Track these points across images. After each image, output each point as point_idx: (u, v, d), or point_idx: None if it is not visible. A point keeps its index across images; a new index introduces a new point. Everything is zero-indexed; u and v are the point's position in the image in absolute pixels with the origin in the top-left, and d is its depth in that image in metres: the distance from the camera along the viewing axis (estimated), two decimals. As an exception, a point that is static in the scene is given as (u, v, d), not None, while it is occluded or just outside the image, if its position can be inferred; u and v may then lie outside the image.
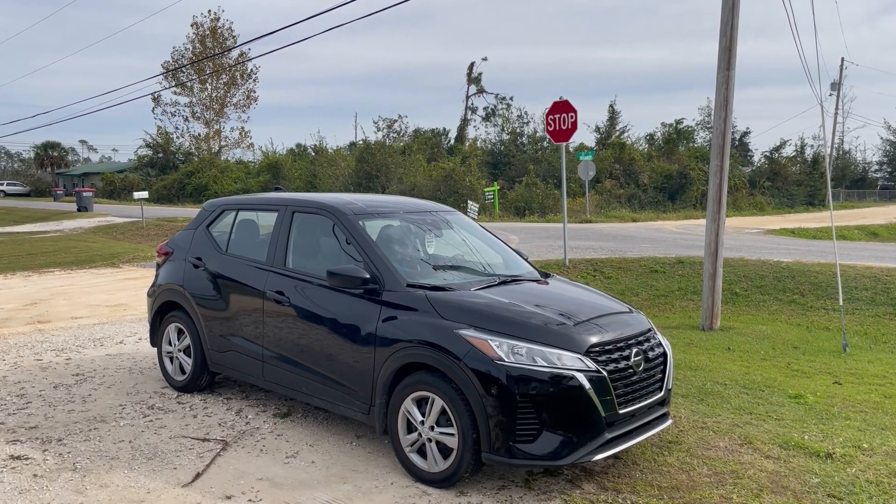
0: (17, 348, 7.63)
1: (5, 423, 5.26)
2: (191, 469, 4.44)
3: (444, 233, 5.77)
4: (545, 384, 4.03)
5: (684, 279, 13.52)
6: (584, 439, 4.08)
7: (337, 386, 4.87)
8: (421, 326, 4.41)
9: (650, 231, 23.32)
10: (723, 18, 9.41)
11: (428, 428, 4.31)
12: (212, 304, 5.85)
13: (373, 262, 4.82)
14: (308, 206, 5.53)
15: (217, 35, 58.71)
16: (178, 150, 60.16)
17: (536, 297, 4.84)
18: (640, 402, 4.39)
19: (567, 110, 13.37)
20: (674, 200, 37.53)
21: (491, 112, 53.35)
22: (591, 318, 4.51)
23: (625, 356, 4.34)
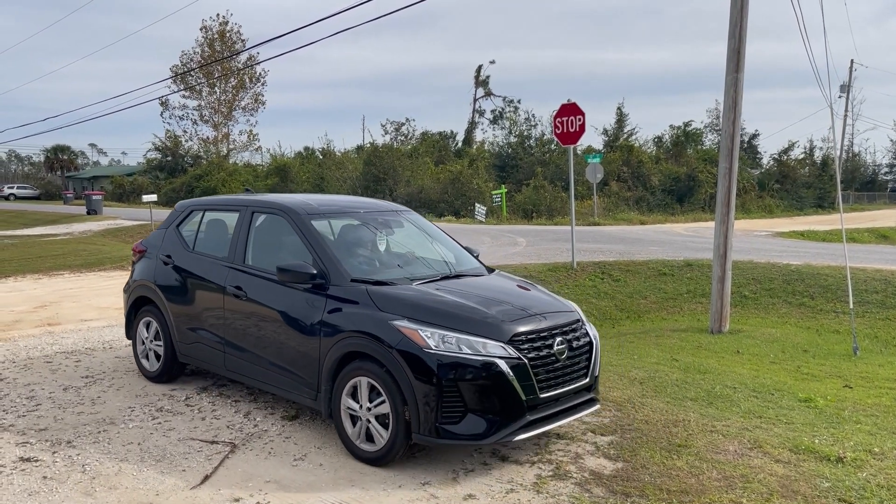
0: (26, 350, 7.67)
1: (15, 426, 5.28)
2: (199, 471, 4.45)
3: (397, 231, 6.12)
4: (469, 370, 4.39)
5: (693, 282, 13.47)
6: (506, 421, 4.42)
7: (288, 374, 5.21)
8: (361, 318, 4.76)
9: (658, 234, 23.25)
10: (731, 20, 9.38)
11: (366, 411, 4.66)
12: (179, 298, 6.21)
13: (321, 258, 5.16)
14: (266, 207, 5.90)
15: (226, 38, 58.93)
16: (187, 154, 60.38)
17: (473, 291, 5.14)
18: (564, 388, 4.70)
19: (575, 113, 13.35)
20: (682, 203, 37.42)
21: (499, 115, 53.36)
22: (519, 310, 4.84)
23: (548, 345, 4.66)
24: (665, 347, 8.74)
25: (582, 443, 4.87)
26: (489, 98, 56.72)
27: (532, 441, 4.87)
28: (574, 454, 4.67)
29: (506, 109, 52.66)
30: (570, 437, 4.98)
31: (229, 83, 59.88)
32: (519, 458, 4.62)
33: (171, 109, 60.25)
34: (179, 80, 56.59)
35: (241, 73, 58.86)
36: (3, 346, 7.88)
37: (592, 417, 5.35)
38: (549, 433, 5.04)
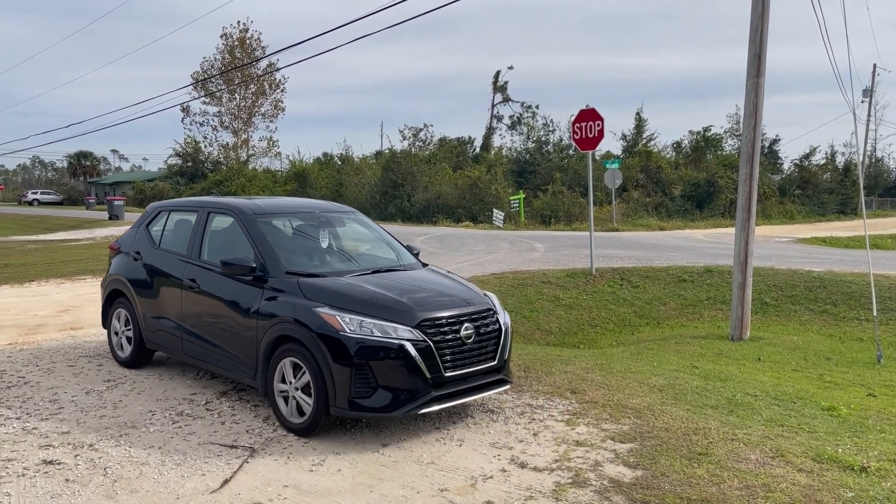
0: (50, 354, 7.76)
1: (38, 429, 5.34)
2: (219, 475, 4.48)
3: (340, 230, 6.82)
4: (379, 351, 4.99)
5: (713, 288, 13.35)
6: (413, 396, 5.00)
7: (233, 357, 5.85)
8: (290, 306, 5.37)
9: (678, 240, 23.09)
10: (752, 25, 9.31)
11: (294, 388, 5.26)
12: (145, 291, 6.90)
13: (261, 253, 5.79)
14: (219, 208, 6.56)
15: (246, 45, 59.46)
16: (207, 159, 60.94)
17: (397, 283, 5.73)
18: (471, 368, 5.30)
19: (593, 118, 13.31)
20: (702, 209, 37.11)
21: (517, 120, 53.25)
22: (432, 299, 5.44)
23: (454, 330, 5.22)
24: (685, 354, 8.67)
25: (601, 450, 4.84)
26: (507, 104, 56.66)
27: (552, 449, 4.86)
28: (593, 461, 4.64)
29: (524, 115, 52.56)
30: (590, 444, 4.95)
31: (249, 90, 60.38)
32: (538, 465, 4.59)
33: (192, 116, 60.88)
34: (200, 86, 57.15)
35: (261, 79, 59.33)
36: (28, 350, 7.98)
37: (611, 425, 5.33)
38: (568, 440, 5.02)
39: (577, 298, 13.07)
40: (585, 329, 12.13)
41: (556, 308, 12.57)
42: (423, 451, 4.88)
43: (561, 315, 12.39)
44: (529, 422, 5.47)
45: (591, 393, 6.17)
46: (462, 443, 5.04)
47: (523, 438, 5.11)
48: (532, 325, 11.87)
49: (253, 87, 60.17)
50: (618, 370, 7.11)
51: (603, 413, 5.62)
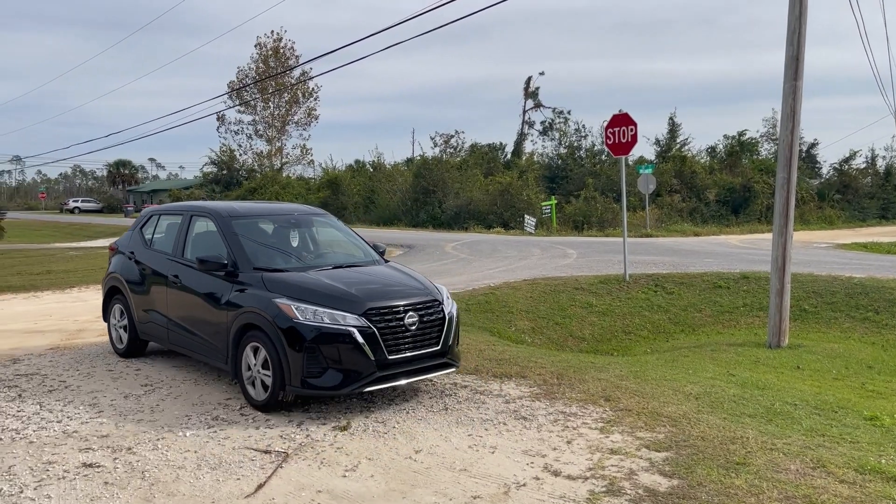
0: (90, 358, 7.92)
1: (78, 432, 5.45)
2: (253, 480, 4.52)
3: (311, 231, 7.49)
4: (329, 336, 5.65)
5: (749, 295, 13.13)
6: (358, 376, 5.68)
7: (209, 344, 6.54)
8: (254, 297, 6.05)
9: (713, 245, 22.75)
10: (789, 27, 9.16)
11: (256, 370, 5.94)
12: (138, 287, 7.65)
13: (232, 251, 6.48)
14: (200, 211, 7.33)
15: (279, 55, 60.22)
16: (242, 167, 61.76)
17: (353, 277, 6.42)
18: (414, 352, 5.96)
19: (626, 123, 13.20)
20: (737, 214, 36.52)
21: (548, 126, 53.06)
22: (380, 291, 6.14)
23: (399, 318, 5.89)
24: (721, 362, 8.52)
25: (636, 458, 4.77)
26: (539, 109, 56.52)
27: (586, 457, 4.81)
28: (628, 470, 4.58)
29: (556, 120, 52.35)
30: (624, 452, 4.89)
31: (283, 98, 61.12)
32: (571, 474, 4.55)
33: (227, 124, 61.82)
34: (235, 95, 58.03)
35: (295, 88, 60.01)
36: (68, 354, 8.15)
37: (646, 433, 5.26)
38: (602, 448, 4.96)
39: (611, 305, 12.94)
40: (619, 336, 12.01)
41: (588, 315, 12.47)
42: (455, 458, 4.87)
43: (594, 322, 12.28)
44: (563, 429, 5.42)
45: (625, 401, 6.10)
46: (495, 450, 5.02)
47: (557, 446, 5.06)
48: (564, 331, 11.79)
49: (287, 95, 60.91)
50: (652, 378, 7.02)
51: (637, 421, 5.55)
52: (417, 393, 6.41)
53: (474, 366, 7.36)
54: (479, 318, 11.16)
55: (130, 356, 7.85)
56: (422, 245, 23.82)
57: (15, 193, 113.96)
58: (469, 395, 6.34)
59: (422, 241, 26.07)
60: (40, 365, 7.66)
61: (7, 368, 7.51)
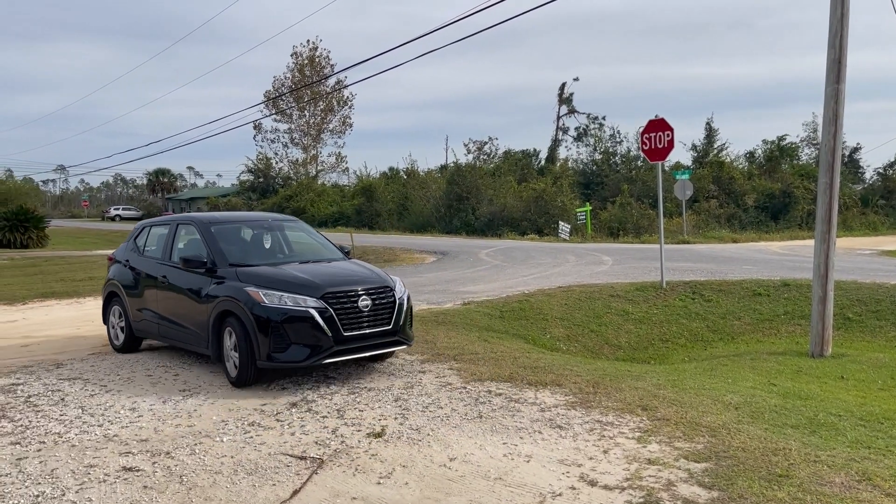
0: (130, 364, 8.06)
1: (119, 436, 5.54)
2: (289, 486, 4.54)
3: (282, 234, 8.55)
4: (292, 317, 6.63)
5: (790, 303, 12.86)
6: (318, 351, 6.66)
7: (194, 333, 7.52)
8: (229, 287, 7.06)
9: (752, 252, 22.34)
10: (831, 30, 8.97)
11: (231, 351, 6.91)
12: (133, 290, 8.58)
13: (212, 251, 7.53)
14: (184, 220, 8.56)
15: (315, 63, 60.87)
16: (278, 175, 62.53)
17: (315, 269, 7.41)
18: (367, 330, 6.93)
19: (663, 128, 13.06)
20: (777, 220, 35.82)
21: (583, 132, 52.73)
22: (338, 279, 7.14)
23: (353, 300, 6.87)
24: (761, 371, 8.35)
25: (674, 469, 4.68)
26: (573, 115, 56.20)
27: (623, 467, 4.73)
28: (666, 481, 4.49)
29: (590, 126, 52.02)
30: (662, 462, 4.80)
31: (318, 107, 61.75)
32: (608, 484, 4.48)
33: (264, 133, 62.67)
34: (271, 104, 58.80)
35: (330, 96, 60.59)
36: (109, 360, 8.31)
37: (685, 443, 5.16)
38: (639, 458, 4.88)
39: (647, 312, 12.78)
40: (656, 344, 11.84)
41: (625, 322, 12.32)
42: (490, 466, 4.83)
43: (630, 329, 12.14)
44: (599, 438, 5.35)
45: (662, 410, 6.00)
46: (530, 459, 4.97)
47: (593, 455, 4.99)
48: (600, 339, 11.66)
49: (322, 104, 61.52)
50: (690, 387, 6.89)
51: (676, 431, 5.45)
52: (451, 400, 6.39)
53: (509, 373, 7.31)
54: (513, 325, 11.10)
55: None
56: (455, 252, 23.82)
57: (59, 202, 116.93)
58: (504, 403, 6.29)
59: (455, 247, 26.07)
60: (82, 370, 7.82)
61: (51, 373, 7.68)
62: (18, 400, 6.62)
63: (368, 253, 23.81)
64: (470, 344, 8.92)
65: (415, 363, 7.86)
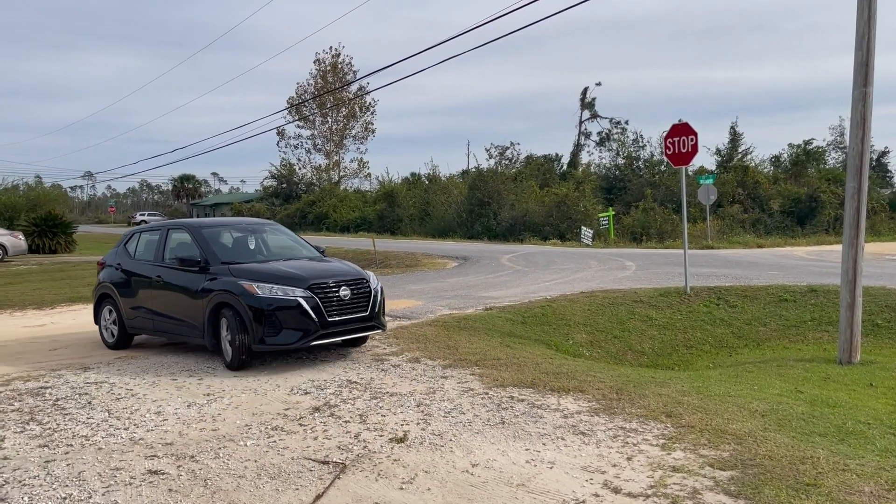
0: (155, 368, 8.15)
1: (144, 439, 5.60)
2: (311, 490, 4.55)
3: (264, 236, 9.55)
4: (282, 305, 7.64)
5: (818, 309, 12.67)
6: (306, 334, 7.68)
7: (189, 325, 8.39)
8: (224, 282, 7.96)
9: (777, 257, 22.07)
10: (858, 32, 8.85)
11: (226, 338, 7.87)
12: (126, 290, 9.34)
13: (204, 252, 8.47)
14: (175, 225, 9.59)
15: (337, 70, 61.26)
16: (301, 181, 62.94)
17: (299, 265, 8.43)
18: (347, 316, 7.99)
19: (686, 133, 12.96)
20: (803, 225, 35.32)
21: (605, 136, 52.54)
22: (320, 272, 8.19)
23: (334, 290, 7.92)
24: (788, 378, 8.23)
25: (700, 477, 4.63)
26: (595, 120, 56.07)
27: (647, 474, 4.69)
28: (691, 489, 4.44)
29: (613, 131, 51.80)
30: (687, 470, 4.74)
31: (341, 113, 62.10)
32: (632, 491, 4.44)
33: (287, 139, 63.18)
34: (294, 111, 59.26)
35: (352, 102, 60.93)
36: (134, 363, 8.41)
37: (710, 451, 5.09)
38: (664, 465, 4.83)
39: (671, 318, 12.66)
40: (680, 350, 11.73)
41: (648, 328, 12.22)
42: (513, 473, 4.81)
43: (654, 335, 12.03)
44: (623, 445, 5.30)
45: (687, 417, 5.93)
46: (553, 465, 4.94)
47: (616, 462, 4.95)
48: (623, 345, 11.58)
49: (344, 110, 61.87)
50: (716, 393, 6.81)
51: (701, 438, 5.39)
52: (474, 406, 6.38)
53: (531, 379, 7.28)
54: (535, 330, 11.06)
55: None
56: (477, 257, 23.80)
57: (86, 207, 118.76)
58: (526, 409, 6.27)
59: (477, 252, 26.04)
60: (109, 373, 7.92)
61: (78, 376, 7.79)
62: (47, 403, 6.72)
63: (390, 258, 23.86)
64: (492, 349, 8.90)
65: (437, 368, 7.86)
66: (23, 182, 52.16)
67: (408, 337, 9.58)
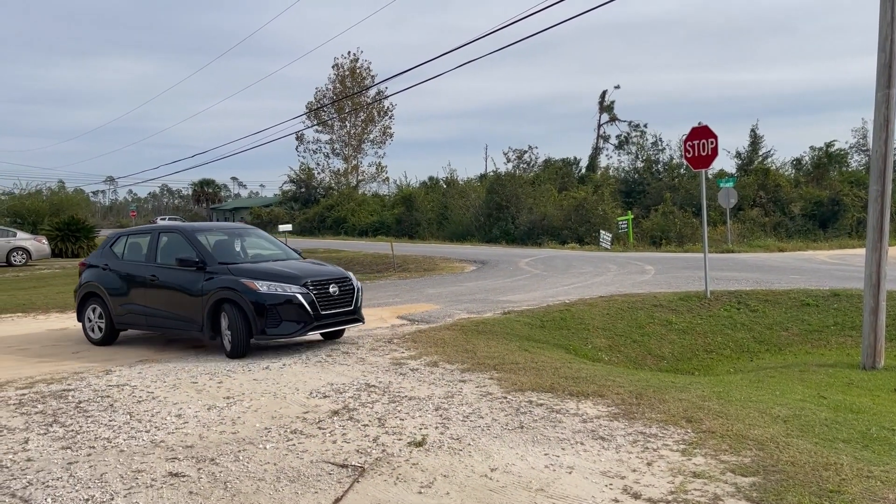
0: (175, 371, 8.22)
1: (165, 442, 5.64)
2: (331, 493, 4.56)
3: (247, 240, 10.51)
4: (282, 300, 8.70)
5: (840, 313, 12.51)
6: (302, 325, 8.81)
7: (184, 320, 9.27)
8: (225, 280, 8.89)
9: (799, 261, 21.83)
10: (881, 33, 8.74)
11: (226, 330, 8.80)
12: (115, 289, 10.00)
13: (201, 253, 9.35)
14: (167, 230, 10.22)
15: (356, 75, 61.54)
16: (319, 185, 63.29)
17: (289, 265, 9.47)
18: (336, 309, 9.14)
19: (706, 136, 12.87)
20: (825, 228, 34.93)
21: (624, 140, 52.27)
22: (312, 272, 9.29)
23: (325, 287, 9.07)
24: (810, 384, 8.13)
25: (721, 483, 4.58)
26: (614, 123, 55.80)
27: (667, 480, 4.65)
28: (713, 494, 4.40)
29: (632, 134, 51.55)
30: (708, 475, 4.70)
31: (359, 117, 62.38)
32: (652, 497, 4.40)
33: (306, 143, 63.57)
34: (313, 115, 59.60)
35: (371, 107, 61.19)
36: (155, 366, 8.49)
37: (731, 456, 5.04)
38: (684, 471, 4.79)
39: (691, 323, 12.56)
40: (700, 355, 11.63)
41: (668, 333, 12.14)
42: (532, 477, 4.79)
43: (674, 340, 11.95)
44: (642, 450, 5.26)
45: (708, 422, 5.88)
46: (572, 470, 4.91)
47: (636, 468, 4.92)
48: (643, 350, 11.50)
49: (363, 114, 62.15)
50: (737, 399, 6.75)
51: (722, 444, 5.34)
52: (492, 410, 6.37)
53: (550, 383, 7.25)
54: (553, 335, 11.02)
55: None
56: (495, 261, 23.77)
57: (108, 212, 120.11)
58: (545, 414, 6.24)
59: (495, 256, 26.01)
60: (130, 376, 8.00)
61: (100, 379, 7.87)
62: (69, 405, 6.80)
63: (409, 262, 23.90)
64: (510, 353, 8.88)
65: (455, 372, 7.86)
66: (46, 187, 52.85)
67: (426, 341, 9.59)
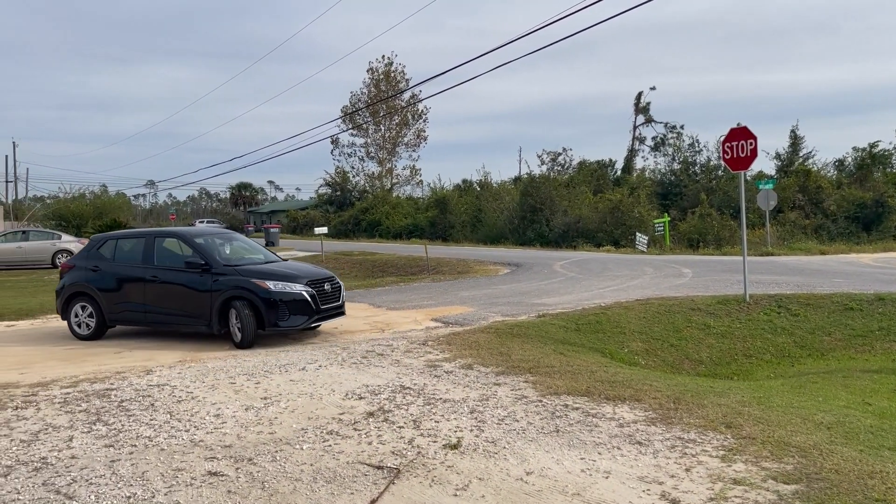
0: (214, 372, 8.34)
1: (204, 441, 5.73)
2: (367, 495, 4.58)
3: (233, 244, 11.66)
4: (292, 297, 10.04)
5: (886, 318, 12.20)
6: (308, 318, 10.20)
7: (190, 317, 10.39)
8: (234, 281, 10.11)
9: (842, 264, 21.33)
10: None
11: (235, 324, 9.99)
12: (107, 288, 10.92)
13: (205, 256, 10.44)
14: (166, 234, 11.52)
15: (390, 78, 61.87)
16: (354, 188, 63.75)
17: (289, 266, 11.04)
18: (329, 305, 10.57)
19: (745, 137, 12.67)
20: (869, 231, 34.07)
21: (660, 141, 51.73)
22: (308, 272, 10.77)
23: (322, 285, 10.48)
24: (855, 390, 7.94)
25: (762, 490, 4.49)
26: (650, 125, 55.24)
27: (707, 486, 4.57)
28: (753, 502, 4.31)
29: (668, 136, 50.98)
30: (749, 482, 4.61)
31: (394, 121, 62.70)
32: (691, 503, 4.34)
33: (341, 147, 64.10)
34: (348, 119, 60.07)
35: (405, 110, 61.47)
36: (195, 367, 8.62)
37: (773, 463, 4.94)
38: (724, 477, 4.70)
39: (730, 327, 12.36)
40: (739, 359, 11.44)
41: (706, 337, 11.96)
42: (568, 482, 4.75)
43: (712, 344, 11.76)
44: (681, 456, 5.19)
45: (748, 428, 5.77)
46: (609, 475, 4.87)
47: (675, 473, 4.85)
48: (680, 354, 11.34)
49: (397, 118, 62.46)
50: (778, 405, 6.61)
51: (763, 450, 5.24)
52: (527, 413, 6.33)
53: (585, 387, 7.19)
54: (589, 338, 10.93)
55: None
56: (529, 264, 23.67)
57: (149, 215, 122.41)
58: (581, 418, 6.19)
59: (529, 259, 25.91)
60: (170, 377, 8.14)
61: (141, 379, 8.02)
62: (112, 404, 6.95)
63: (443, 265, 23.92)
64: (545, 357, 8.82)
65: (490, 375, 7.84)
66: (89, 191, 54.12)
67: (460, 343, 9.59)
